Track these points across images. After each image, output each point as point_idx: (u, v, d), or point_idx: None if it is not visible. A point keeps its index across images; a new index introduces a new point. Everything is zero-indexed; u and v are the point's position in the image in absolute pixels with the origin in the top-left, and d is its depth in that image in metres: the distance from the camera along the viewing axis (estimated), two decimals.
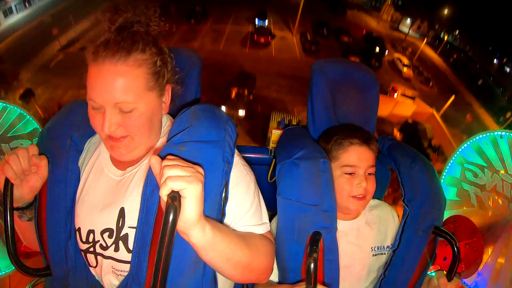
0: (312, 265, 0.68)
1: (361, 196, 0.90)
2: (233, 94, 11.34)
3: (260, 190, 0.81)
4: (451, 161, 1.39)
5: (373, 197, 0.96)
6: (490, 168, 1.25)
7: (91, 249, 0.75)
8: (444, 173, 1.39)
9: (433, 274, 0.92)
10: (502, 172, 1.21)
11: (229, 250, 0.62)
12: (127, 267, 0.71)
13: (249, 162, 0.83)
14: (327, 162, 0.85)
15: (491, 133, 1.25)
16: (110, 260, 0.73)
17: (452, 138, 11.32)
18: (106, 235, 0.73)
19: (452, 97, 14.46)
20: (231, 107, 10.74)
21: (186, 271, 0.64)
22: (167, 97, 0.77)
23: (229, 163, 0.69)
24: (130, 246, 0.71)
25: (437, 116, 12.70)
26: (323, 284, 0.79)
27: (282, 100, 12.15)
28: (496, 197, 1.23)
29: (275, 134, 1.15)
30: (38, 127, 1.31)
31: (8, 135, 1.26)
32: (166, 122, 0.83)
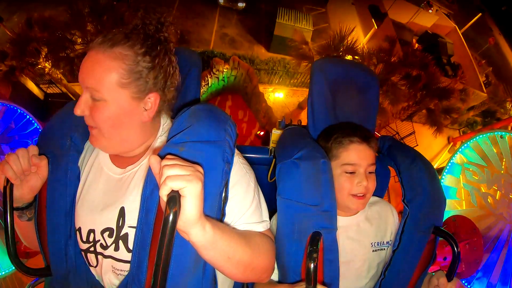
0: (312, 265, 0.68)
1: (361, 195, 0.90)
2: None
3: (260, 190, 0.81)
4: (451, 161, 1.39)
5: (373, 196, 0.96)
6: (490, 168, 1.25)
7: (92, 249, 0.75)
8: (444, 173, 1.40)
9: (433, 274, 0.92)
10: (502, 172, 1.21)
11: (230, 248, 0.62)
12: (127, 266, 0.71)
13: (249, 162, 0.83)
14: (327, 162, 0.85)
15: (491, 133, 1.25)
16: (110, 260, 0.73)
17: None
18: (106, 234, 0.73)
19: (479, 15, 13.25)
20: None
21: (186, 271, 0.64)
22: (151, 106, 0.73)
23: (229, 163, 0.69)
24: (130, 246, 0.71)
25: (459, 33, 11.83)
26: (323, 284, 0.79)
27: None
28: (496, 197, 1.24)
29: (275, 134, 1.15)
30: (38, 127, 1.32)
31: (8, 135, 1.26)
32: (166, 120, 0.83)
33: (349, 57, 5.57)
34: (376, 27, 9.80)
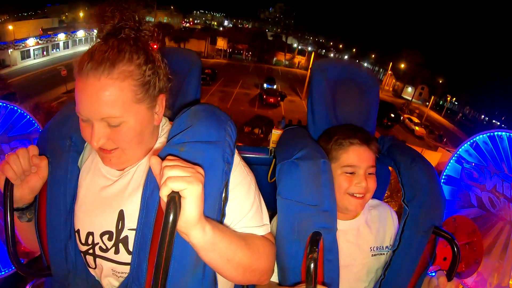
0: (312, 265, 0.68)
1: (360, 195, 0.90)
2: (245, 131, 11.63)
3: (260, 190, 0.80)
4: (451, 161, 1.38)
5: (373, 197, 0.96)
6: (490, 168, 1.25)
7: (90, 251, 0.75)
8: (444, 173, 1.39)
9: (433, 274, 0.92)
10: (502, 172, 1.21)
11: (230, 250, 0.62)
12: (127, 268, 0.70)
13: (249, 162, 0.83)
14: (327, 162, 0.85)
15: (491, 133, 1.25)
16: (110, 263, 0.73)
17: None
18: (105, 237, 0.73)
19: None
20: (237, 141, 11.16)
21: (186, 272, 0.64)
22: (160, 108, 0.74)
23: (229, 164, 0.69)
24: (131, 248, 0.71)
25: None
26: (323, 284, 0.79)
27: None
28: (496, 197, 1.23)
29: (275, 134, 1.15)
30: (38, 127, 1.31)
31: (8, 135, 1.26)
32: (165, 122, 0.82)
33: None
34: None
